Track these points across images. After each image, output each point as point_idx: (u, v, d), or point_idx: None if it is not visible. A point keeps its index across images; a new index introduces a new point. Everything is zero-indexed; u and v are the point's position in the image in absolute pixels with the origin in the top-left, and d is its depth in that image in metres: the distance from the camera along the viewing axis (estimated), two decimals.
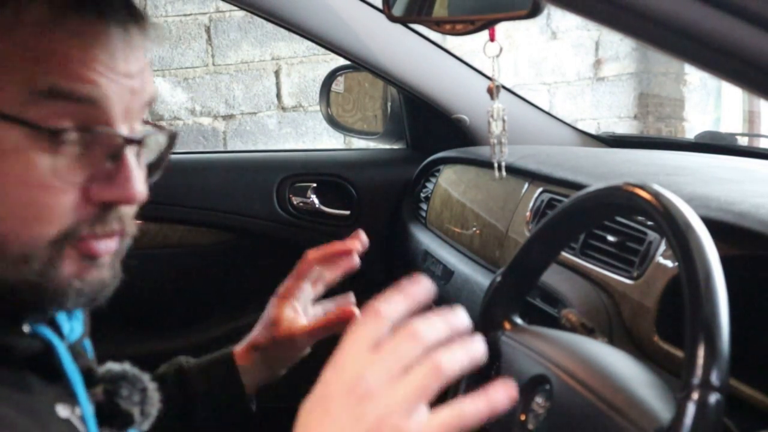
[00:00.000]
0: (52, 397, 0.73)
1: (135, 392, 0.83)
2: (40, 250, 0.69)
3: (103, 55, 0.68)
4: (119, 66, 0.69)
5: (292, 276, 1.10)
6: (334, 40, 1.84)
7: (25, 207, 0.67)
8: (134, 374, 0.84)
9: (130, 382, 0.83)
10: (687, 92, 3.92)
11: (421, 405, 0.63)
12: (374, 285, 2.21)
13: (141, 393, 0.83)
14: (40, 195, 0.67)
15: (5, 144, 0.66)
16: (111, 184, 0.70)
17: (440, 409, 0.64)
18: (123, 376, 0.83)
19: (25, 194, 0.67)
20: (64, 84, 0.66)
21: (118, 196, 0.71)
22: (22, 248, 0.68)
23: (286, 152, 2.76)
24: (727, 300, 0.74)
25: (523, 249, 1.05)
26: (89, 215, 0.70)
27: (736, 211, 0.99)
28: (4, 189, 0.66)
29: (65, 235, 0.69)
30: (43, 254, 0.69)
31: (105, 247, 0.72)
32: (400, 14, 1.01)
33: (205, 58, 3.42)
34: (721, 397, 0.71)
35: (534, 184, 1.50)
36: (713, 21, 0.59)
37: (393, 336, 0.66)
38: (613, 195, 0.92)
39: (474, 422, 0.64)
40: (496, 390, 0.65)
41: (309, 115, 3.56)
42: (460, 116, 1.93)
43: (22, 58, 0.66)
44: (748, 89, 0.64)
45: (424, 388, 0.63)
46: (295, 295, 1.09)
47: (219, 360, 1.08)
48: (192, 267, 2.04)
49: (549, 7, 0.75)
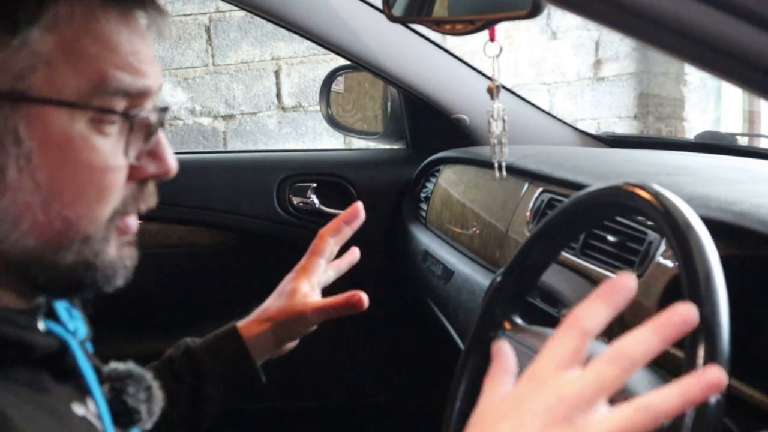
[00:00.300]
0: (67, 396, 0.74)
1: (141, 390, 0.84)
2: (99, 230, 0.72)
3: (141, 46, 0.73)
4: (151, 56, 0.74)
5: (308, 253, 1.15)
6: (334, 40, 1.84)
7: (90, 189, 0.71)
8: (139, 372, 0.85)
9: (136, 380, 0.84)
10: (687, 92, 3.92)
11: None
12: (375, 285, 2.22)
13: (146, 391, 0.85)
14: (103, 177, 0.71)
15: (73, 131, 0.69)
16: (153, 160, 0.75)
17: (622, 407, 0.59)
18: (129, 374, 0.84)
19: (90, 178, 0.70)
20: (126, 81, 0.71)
21: (161, 171, 0.76)
22: (86, 229, 0.71)
23: (286, 152, 2.76)
24: (727, 300, 0.74)
25: (523, 249, 1.05)
26: (133, 192, 0.75)
27: (736, 211, 0.99)
28: (72, 174, 0.70)
29: (115, 213, 0.73)
30: (101, 233, 0.72)
31: (134, 223, 0.77)
32: (400, 14, 1.01)
33: (205, 58, 3.42)
34: (721, 397, 0.71)
35: (534, 184, 1.50)
36: (713, 21, 0.59)
37: (598, 357, 0.61)
38: (613, 195, 0.92)
39: (666, 419, 0.59)
40: (696, 378, 0.58)
41: (309, 115, 3.57)
42: (460, 116, 1.93)
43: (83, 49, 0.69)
44: (748, 89, 0.64)
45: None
46: (312, 270, 1.13)
47: (226, 336, 1.11)
48: (192, 267, 2.04)
49: (549, 7, 0.76)
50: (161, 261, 1.99)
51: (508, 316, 1.05)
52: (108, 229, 0.73)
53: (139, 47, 0.73)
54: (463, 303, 1.61)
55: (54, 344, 0.74)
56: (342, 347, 2.10)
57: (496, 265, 1.52)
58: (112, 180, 0.72)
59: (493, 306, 1.06)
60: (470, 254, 1.66)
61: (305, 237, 2.05)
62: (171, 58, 3.36)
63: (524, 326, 1.05)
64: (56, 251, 0.70)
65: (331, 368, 2.11)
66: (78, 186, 0.70)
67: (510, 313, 1.05)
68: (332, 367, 2.11)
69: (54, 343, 0.74)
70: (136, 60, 0.72)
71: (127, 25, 0.73)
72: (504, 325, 1.05)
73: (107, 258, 0.73)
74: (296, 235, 2.02)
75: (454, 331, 1.68)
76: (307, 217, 2.02)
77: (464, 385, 1.06)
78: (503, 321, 1.05)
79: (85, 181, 0.70)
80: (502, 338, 1.04)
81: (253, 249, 2.06)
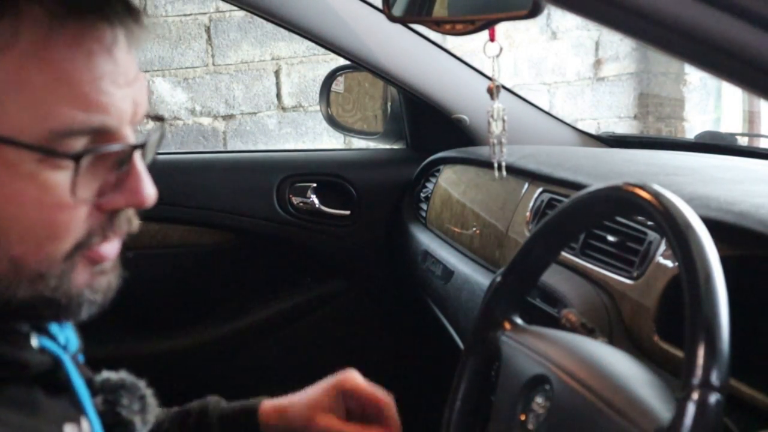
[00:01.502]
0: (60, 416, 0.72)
1: (135, 400, 0.82)
2: (55, 266, 0.68)
3: (108, 65, 0.66)
4: (123, 74, 0.67)
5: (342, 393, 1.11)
6: (334, 40, 1.84)
7: (40, 228, 0.66)
8: (132, 382, 0.84)
9: (129, 391, 0.82)
10: (687, 92, 3.92)
11: None
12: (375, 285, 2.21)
13: (140, 401, 0.83)
14: (55, 214, 0.66)
15: (21, 169, 0.64)
16: (122, 190, 0.70)
17: None
18: (122, 384, 0.83)
19: (40, 216, 0.66)
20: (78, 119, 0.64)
21: (132, 202, 0.70)
22: (38, 267, 0.67)
23: (286, 152, 2.76)
24: (727, 300, 0.74)
25: (523, 249, 1.05)
26: (100, 224, 0.70)
27: (736, 211, 0.99)
28: (19, 212, 0.65)
29: (77, 247, 0.69)
30: (57, 269, 0.68)
31: (112, 250, 0.72)
32: (400, 14, 1.01)
33: (205, 58, 3.42)
34: (721, 397, 0.71)
35: (534, 184, 1.50)
36: (713, 21, 0.59)
37: None
38: (613, 195, 0.92)
39: None
40: None
41: (309, 115, 3.56)
42: (460, 116, 1.93)
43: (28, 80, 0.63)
44: (748, 89, 0.64)
45: None
46: (341, 410, 1.10)
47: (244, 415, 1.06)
48: (192, 267, 2.04)
49: (549, 7, 0.75)
50: (161, 261, 1.99)
51: (508, 316, 1.05)
52: (68, 264, 0.68)
53: (104, 70, 0.65)
54: (463, 303, 1.61)
55: (48, 361, 0.72)
56: (342, 347, 2.11)
57: (496, 265, 1.52)
58: (65, 218, 0.67)
59: (493, 306, 1.06)
60: (470, 254, 1.66)
61: (305, 237, 2.07)
62: (171, 58, 3.36)
63: (524, 326, 1.05)
64: (6, 288, 0.66)
65: (332, 368, 2.11)
66: (25, 225, 0.65)
67: (510, 313, 1.05)
68: (332, 367, 2.11)
69: (48, 360, 0.72)
70: (95, 89, 0.64)
71: (86, 45, 0.64)
72: (504, 325, 1.05)
73: (70, 291, 0.69)
74: (296, 235, 2.02)
75: (454, 331, 1.68)
76: (307, 217, 2.02)
77: (464, 385, 1.06)
78: (503, 321, 1.05)
79: (32, 220, 0.65)
80: (502, 338, 1.04)
81: (253, 249, 2.06)
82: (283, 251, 2.06)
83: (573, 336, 1.02)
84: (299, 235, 2.02)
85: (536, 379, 0.95)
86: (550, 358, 0.94)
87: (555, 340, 0.98)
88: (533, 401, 0.94)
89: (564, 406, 0.89)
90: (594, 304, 1.16)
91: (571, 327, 1.09)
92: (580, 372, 0.89)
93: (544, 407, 0.92)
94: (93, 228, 0.69)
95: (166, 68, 3.35)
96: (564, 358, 0.93)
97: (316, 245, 2.04)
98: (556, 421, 0.90)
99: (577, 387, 0.88)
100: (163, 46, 3.34)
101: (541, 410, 0.93)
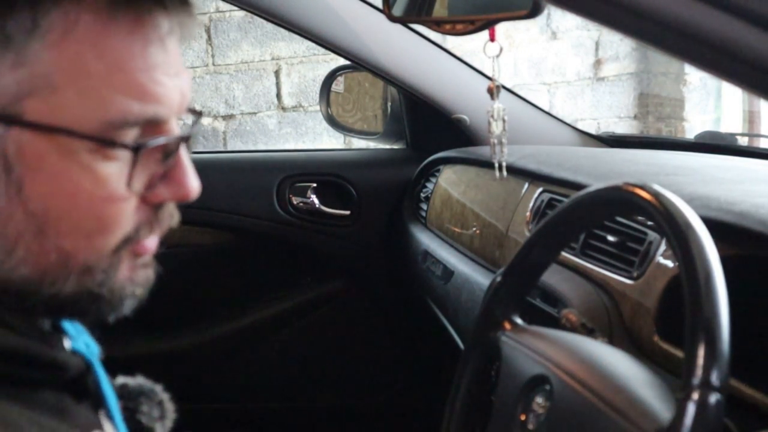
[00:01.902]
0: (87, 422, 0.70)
1: (154, 407, 0.81)
2: (103, 260, 0.67)
3: (160, 56, 0.65)
4: (174, 64, 0.66)
5: None
6: (334, 40, 1.84)
7: (92, 220, 0.65)
8: (150, 388, 0.82)
9: (148, 397, 0.81)
10: (687, 92, 3.92)
11: None
12: (375, 285, 2.21)
13: (159, 407, 0.81)
14: (107, 207, 0.65)
15: (75, 159, 0.63)
16: (169, 183, 0.69)
17: None
18: (140, 391, 0.81)
19: (92, 208, 0.64)
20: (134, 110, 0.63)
21: (178, 195, 0.70)
22: (86, 260, 0.66)
23: (286, 152, 2.76)
24: (727, 300, 0.74)
25: (523, 249, 1.05)
26: (148, 217, 0.69)
27: (736, 211, 0.99)
28: (70, 204, 0.64)
29: (125, 241, 0.68)
30: (105, 263, 0.67)
31: (153, 243, 0.71)
32: (400, 14, 1.01)
33: (205, 58, 3.42)
34: (721, 397, 0.71)
35: (534, 184, 1.50)
36: (713, 21, 0.59)
37: None
38: (613, 195, 0.92)
39: None
40: None
41: (309, 115, 3.56)
42: (460, 116, 1.93)
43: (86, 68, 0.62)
44: (748, 89, 0.64)
45: None
46: None
47: None
48: (192, 267, 2.04)
49: (549, 7, 0.75)
50: (161, 261, 1.98)
51: (508, 316, 1.05)
52: (115, 257, 0.67)
53: (157, 60, 0.64)
54: (463, 303, 1.61)
55: (81, 364, 0.71)
56: (342, 347, 2.11)
57: (496, 265, 1.52)
58: (116, 210, 0.66)
59: (493, 306, 1.06)
60: (470, 254, 1.66)
61: (305, 237, 2.07)
62: None
63: (524, 326, 1.05)
64: (54, 281, 0.65)
65: (331, 368, 2.11)
66: (76, 217, 0.64)
67: (510, 313, 1.05)
68: (332, 368, 2.12)
69: (81, 364, 0.70)
70: (150, 79, 0.64)
71: (142, 33, 0.64)
72: (504, 325, 1.05)
73: (115, 286, 0.68)
74: (296, 235, 2.02)
75: (454, 331, 1.68)
76: (307, 217, 2.02)
77: (464, 385, 1.06)
78: (503, 321, 1.05)
79: (84, 211, 0.64)
80: (502, 338, 1.04)
81: (253, 249, 2.06)
82: (283, 251, 2.06)
83: (573, 336, 1.02)
84: (299, 235, 2.02)
85: (536, 379, 0.95)
86: (550, 358, 0.94)
87: (555, 340, 0.98)
88: (533, 401, 0.94)
89: (564, 406, 0.89)
90: (594, 304, 1.16)
91: (571, 327, 1.09)
92: (580, 372, 0.89)
93: (544, 407, 0.92)
94: (141, 221, 0.68)
95: None
96: (564, 358, 0.93)
97: (316, 245, 2.04)
98: (556, 421, 0.90)
99: (578, 387, 0.88)
100: None
101: (541, 410, 0.93)
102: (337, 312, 2.08)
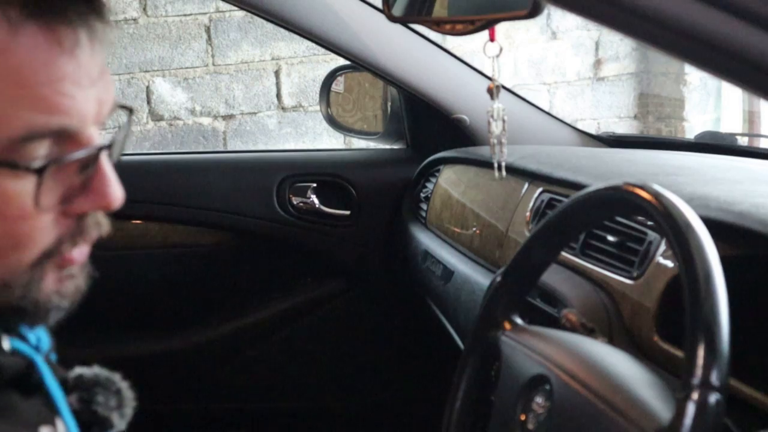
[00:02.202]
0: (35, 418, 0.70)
1: (110, 396, 0.80)
2: (20, 275, 0.66)
3: (69, 66, 0.63)
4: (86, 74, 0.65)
5: None
6: (334, 40, 1.84)
7: (3, 239, 0.64)
8: (107, 377, 0.81)
9: (104, 386, 0.80)
10: (687, 92, 3.92)
11: None
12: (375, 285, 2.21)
13: (116, 396, 0.81)
14: (18, 225, 0.64)
15: None
16: (88, 194, 0.68)
17: None
18: (96, 381, 0.80)
19: (2, 227, 0.64)
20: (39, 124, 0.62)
21: (99, 205, 0.68)
22: (2, 276, 0.65)
23: (286, 152, 2.76)
24: (727, 300, 0.74)
25: (523, 249, 1.05)
26: (69, 229, 0.68)
27: (736, 211, 0.99)
28: None
29: (46, 255, 0.67)
30: (24, 278, 0.66)
31: (81, 254, 0.70)
32: (400, 14, 1.01)
33: (205, 58, 3.41)
34: (721, 397, 0.71)
35: (534, 184, 1.50)
36: (713, 21, 0.59)
37: None
38: (613, 195, 0.92)
39: None
40: None
41: (309, 115, 3.56)
42: (460, 116, 1.93)
43: None
44: (748, 89, 0.64)
45: None
46: None
47: None
48: (192, 267, 2.04)
49: (549, 7, 0.75)
50: (161, 261, 1.99)
51: (508, 316, 1.05)
52: (36, 271, 0.67)
53: (66, 71, 0.63)
54: (463, 303, 1.61)
55: (21, 363, 0.71)
56: (342, 347, 2.11)
57: (496, 265, 1.52)
58: (29, 227, 0.64)
59: (493, 306, 1.06)
60: (470, 254, 1.66)
61: (305, 237, 2.07)
62: (171, 58, 3.36)
63: (524, 326, 1.05)
64: None
65: (332, 368, 2.11)
66: None
67: (510, 313, 1.05)
68: (332, 367, 2.12)
69: (20, 362, 0.71)
70: (55, 92, 0.62)
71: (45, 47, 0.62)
72: (504, 325, 1.05)
73: (39, 299, 0.68)
74: (296, 235, 2.02)
75: (454, 331, 1.68)
76: (307, 217, 2.02)
77: (464, 385, 1.06)
78: (503, 321, 1.05)
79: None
80: (502, 338, 1.04)
81: (252, 249, 2.06)
82: (283, 251, 2.06)
83: (573, 336, 1.02)
84: (299, 235, 2.02)
85: (536, 379, 0.95)
86: (550, 358, 0.94)
87: (555, 340, 0.98)
88: (533, 401, 0.94)
89: (564, 406, 0.89)
90: (594, 304, 1.16)
91: (571, 327, 1.09)
92: (580, 372, 0.89)
93: (544, 407, 0.92)
94: (62, 235, 0.67)
95: (166, 68, 3.35)
96: (564, 358, 0.93)
97: (316, 245, 2.04)
98: (556, 421, 0.90)
99: (577, 387, 0.88)
100: (163, 46, 3.34)
101: (541, 410, 0.93)
102: (337, 312, 2.09)
